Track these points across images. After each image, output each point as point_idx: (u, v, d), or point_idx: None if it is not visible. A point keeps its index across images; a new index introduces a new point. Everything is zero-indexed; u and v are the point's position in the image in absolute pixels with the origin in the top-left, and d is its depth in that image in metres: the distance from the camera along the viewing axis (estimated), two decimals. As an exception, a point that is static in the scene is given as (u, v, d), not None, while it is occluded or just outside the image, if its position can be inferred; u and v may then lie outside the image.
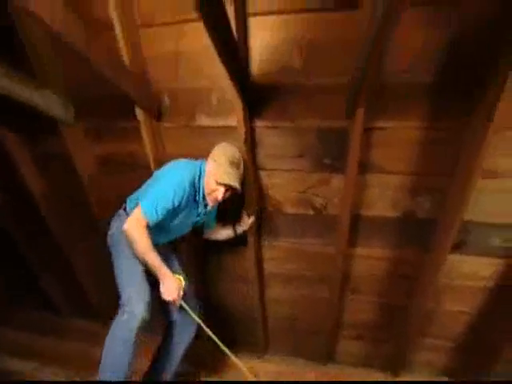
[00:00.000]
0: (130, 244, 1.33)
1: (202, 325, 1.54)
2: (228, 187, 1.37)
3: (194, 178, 1.39)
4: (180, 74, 1.50)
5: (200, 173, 1.41)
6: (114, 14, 1.34)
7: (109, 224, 1.53)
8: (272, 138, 1.50)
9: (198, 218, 1.53)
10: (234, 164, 1.37)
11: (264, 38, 1.32)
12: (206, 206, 1.48)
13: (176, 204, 1.34)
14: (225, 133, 1.54)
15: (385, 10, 0.82)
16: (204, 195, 1.44)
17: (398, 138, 1.36)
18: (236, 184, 1.35)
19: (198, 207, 1.48)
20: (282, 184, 1.60)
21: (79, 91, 1.66)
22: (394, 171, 1.43)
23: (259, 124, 1.49)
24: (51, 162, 1.96)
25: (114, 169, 1.85)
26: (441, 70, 1.22)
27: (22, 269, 2.56)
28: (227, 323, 2.19)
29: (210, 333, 1.54)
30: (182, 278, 1.46)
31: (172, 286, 1.39)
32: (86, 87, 1.63)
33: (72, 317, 2.67)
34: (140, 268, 1.40)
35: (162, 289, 1.39)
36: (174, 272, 1.43)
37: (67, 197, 2.07)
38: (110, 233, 1.50)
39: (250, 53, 1.36)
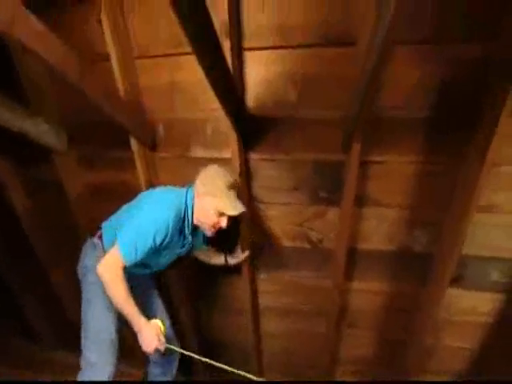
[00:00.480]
0: (103, 286, 1.19)
1: (195, 356, 1.40)
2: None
3: (180, 211, 1.26)
4: (175, 105, 1.49)
5: (186, 203, 1.29)
6: (110, 46, 1.35)
7: (81, 250, 1.42)
8: (267, 170, 1.48)
9: (183, 249, 1.43)
10: (233, 188, 1.27)
11: (259, 72, 1.33)
12: (194, 235, 1.39)
13: (158, 243, 1.21)
14: (220, 164, 1.51)
15: (381, 47, 0.83)
16: (193, 227, 1.33)
17: (395, 172, 1.36)
18: (244, 209, 1.26)
19: (183, 239, 1.37)
20: (278, 217, 1.57)
21: (73, 119, 1.65)
22: (391, 205, 1.42)
23: (254, 156, 1.48)
24: (41, 186, 1.92)
25: (105, 197, 1.81)
26: (435, 106, 1.23)
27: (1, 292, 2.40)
28: (220, 356, 2.09)
29: (206, 359, 1.42)
30: (159, 322, 1.30)
31: (150, 335, 1.22)
32: (81, 115, 1.62)
33: (55, 348, 2.51)
34: (112, 318, 1.28)
35: (140, 340, 1.24)
36: (153, 312, 1.33)
37: (55, 220, 2.02)
38: (81, 264, 1.37)
39: (246, 86, 1.36)
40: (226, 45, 1.22)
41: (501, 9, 1.05)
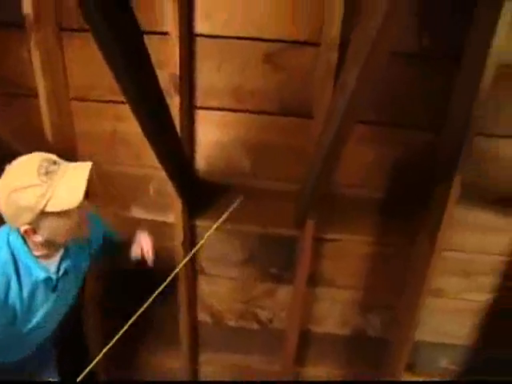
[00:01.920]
0: None
1: None
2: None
3: (5, 264, 0.84)
4: (116, 157, 1.33)
5: (11, 247, 0.86)
6: (39, 81, 1.16)
7: None
8: (215, 240, 1.33)
9: (60, 293, 0.96)
10: (48, 173, 0.77)
11: (211, 134, 1.23)
12: (64, 264, 0.94)
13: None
14: (161, 229, 1.34)
15: (339, 125, 0.78)
16: (37, 266, 0.88)
17: (349, 251, 1.30)
18: (84, 186, 0.80)
19: (46, 282, 0.91)
20: (224, 292, 1.41)
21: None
22: (345, 286, 1.35)
23: (201, 223, 1.33)
24: None
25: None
26: (389, 187, 1.22)
27: None
28: None
29: None
30: None
31: None
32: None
33: None
34: None
35: None
36: None
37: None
38: None
39: (196, 147, 1.26)
40: (175, 101, 1.12)
41: (445, 102, 1.09)
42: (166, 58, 1.05)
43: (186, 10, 1.05)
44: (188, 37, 1.09)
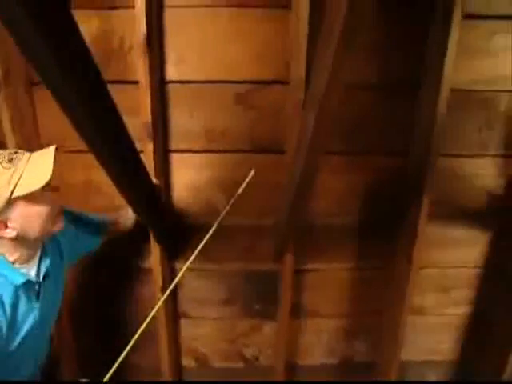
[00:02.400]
0: None
1: None
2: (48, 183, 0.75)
3: None
4: (90, 206, 1.29)
5: None
6: (8, 134, 1.13)
7: None
8: (196, 281, 1.31)
9: (40, 310, 0.87)
10: (13, 159, 0.74)
11: (187, 176, 1.23)
12: (38, 274, 0.86)
13: None
14: (139, 275, 1.31)
15: (306, 157, 0.80)
16: (14, 271, 0.81)
17: (330, 280, 1.32)
18: (51, 165, 0.75)
19: (26, 293, 0.83)
20: (208, 334, 1.37)
21: None
22: (329, 314, 1.35)
23: (181, 266, 1.30)
24: None
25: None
26: (363, 212, 1.26)
27: None
28: None
29: None
30: None
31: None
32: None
33: None
34: None
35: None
36: None
37: None
38: None
39: (172, 190, 1.25)
40: (149, 147, 1.12)
41: (409, 127, 1.16)
42: (138, 106, 1.06)
43: (157, 58, 1.07)
44: (159, 84, 1.10)
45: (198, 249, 1.10)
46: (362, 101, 1.13)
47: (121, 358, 0.85)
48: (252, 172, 1.18)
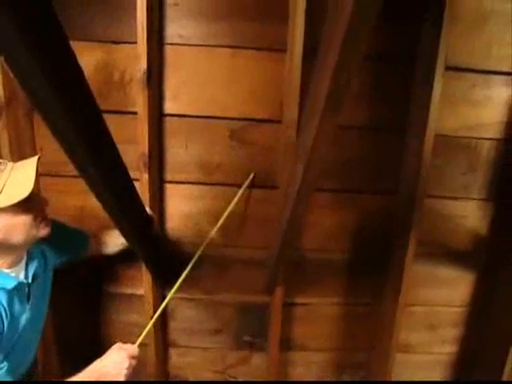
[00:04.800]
0: None
1: None
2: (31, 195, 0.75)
3: None
4: (86, 228, 1.31)
5: None
6: (7, 157, 1.15)
7: None
8: (186, 310, 1.33)
9: (30, 312, 0.90)
10: None
11: (181, 206, 1.27)
12: (26, 277, 0.88)
13: None
14: (131, 300, 1.32)
15: (297, 193, 0.83)
16: (3, 276, 0.83)
17: (319, 314, 1.33)
18: (33, 176, 0.76)
19: (17, 294, 0.86)
20: (196, 363, 1.37)
21: None
22: (317, 348, 1.36)
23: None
24: None
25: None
26: (353, 249, 1.29)
27: None
28: None
29: None
30: None
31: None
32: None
33: None
34: None
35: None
36: None
37: None
38: None
39: (166, 219, 1.28)
40: (145, 177, 1.16)
41: (397, 169, 1.20)
42: (136, 136, 1.10)
43: (156, 92, 1.12)
44: (157, 116, 1.15)
45: (186, 271, 1.13)
46: (352, 141, 1.18)
47: None
48: (252, 175, 1.22)
